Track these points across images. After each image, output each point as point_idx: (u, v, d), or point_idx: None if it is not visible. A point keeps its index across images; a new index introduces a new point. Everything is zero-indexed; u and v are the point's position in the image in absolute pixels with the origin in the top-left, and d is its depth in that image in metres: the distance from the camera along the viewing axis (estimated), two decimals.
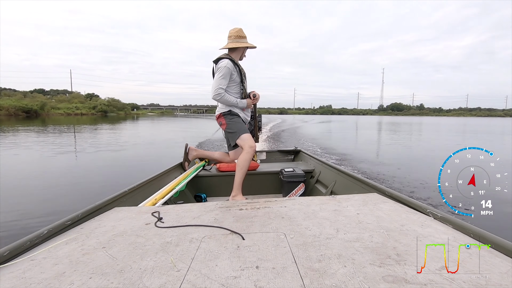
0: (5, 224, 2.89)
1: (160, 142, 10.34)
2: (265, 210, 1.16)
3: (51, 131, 14.33)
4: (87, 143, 9.56)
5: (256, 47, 2.22)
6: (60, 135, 12.61)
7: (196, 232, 0.94)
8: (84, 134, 13.19)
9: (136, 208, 1.27)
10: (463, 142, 11.66)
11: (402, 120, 45.91)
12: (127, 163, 6.28)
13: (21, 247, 0.82)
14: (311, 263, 0.72)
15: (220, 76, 2.04)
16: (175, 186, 1.78)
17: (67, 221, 1.01)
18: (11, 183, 4.57)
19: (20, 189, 4.24)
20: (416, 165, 6.04)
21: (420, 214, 1.06)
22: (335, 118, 59.62)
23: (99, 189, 4.05)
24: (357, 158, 6.61)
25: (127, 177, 4.86)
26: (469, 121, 44.03)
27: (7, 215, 3.10)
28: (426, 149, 9.30)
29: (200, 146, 7.90)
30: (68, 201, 3.56)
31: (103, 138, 11.47)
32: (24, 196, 3.87)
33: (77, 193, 3.92)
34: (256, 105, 2.39)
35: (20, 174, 5.14)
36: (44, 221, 2.77)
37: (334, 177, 2.04)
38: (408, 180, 4.50)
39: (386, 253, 0.76)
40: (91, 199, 1.33)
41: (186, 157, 2.48)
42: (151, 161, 6.46)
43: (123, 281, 0.66)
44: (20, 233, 2.43)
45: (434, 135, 15.43)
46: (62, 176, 4.97)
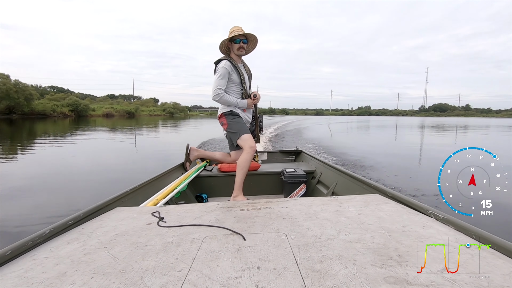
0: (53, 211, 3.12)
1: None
2: (266, 211, 1.16)
3: (173, 126, 21.10)
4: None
5: (240, 37, 2.08)
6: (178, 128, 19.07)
7: (197, 232, 0.94)
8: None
9: (138, 208, 1.27)
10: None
11: (441, 122, 42.22)
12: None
13: (23, 246, 0.83)
14: (313, 264, 0.72)
15: (218, 77, 2.06)
16: (177, 187, 1.79)
17: (68, 221, 1.02)
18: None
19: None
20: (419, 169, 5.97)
21: (422, 215, 1.06)
22: (364, 119, 58.70)
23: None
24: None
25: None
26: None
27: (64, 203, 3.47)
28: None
29: (202, 147, 7.98)
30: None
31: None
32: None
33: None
34: (256, 105, 2.39)
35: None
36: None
37: (336, 178, 2.03)
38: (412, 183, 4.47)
39: (387, 254, 0.75)
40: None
41: (187, 157, 2.48)
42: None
43: (124, 281, 0.66)
44: (22, 232, 2.47)
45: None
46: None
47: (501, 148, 8.99)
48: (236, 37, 2.10)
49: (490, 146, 8.25)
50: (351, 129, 22.17)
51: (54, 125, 21.47)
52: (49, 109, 37.00)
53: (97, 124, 22.37)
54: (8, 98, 31.77)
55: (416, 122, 40.01)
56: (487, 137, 14.43)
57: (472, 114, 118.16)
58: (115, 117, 41.93)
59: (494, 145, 10.43)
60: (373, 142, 12.10)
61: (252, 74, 2.32)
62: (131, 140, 11.55)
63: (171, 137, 13.58)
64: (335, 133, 16.39)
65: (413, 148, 9.78)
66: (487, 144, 10.91)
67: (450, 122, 40.84)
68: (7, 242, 0.83)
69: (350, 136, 14.88)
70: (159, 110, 61.28)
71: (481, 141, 12.52)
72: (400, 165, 5.99)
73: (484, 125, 29.78)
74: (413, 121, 49.10)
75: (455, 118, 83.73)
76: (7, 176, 4.87)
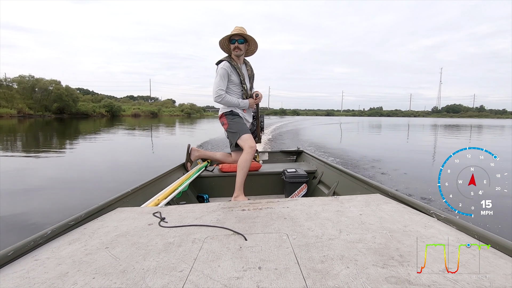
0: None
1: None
2: (267, 211, 1.16)
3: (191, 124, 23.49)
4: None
5: (237, 35, 2.08)
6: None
7: (199, 233, 0.95)
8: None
9: (139, 209, 1.27)
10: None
11: (451, 122, 42.44)
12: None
13: (25, 247, 0.83)
14: (314, 264, 0.72)
15: (218, 78, 2.06)
16: (178, 187, 1.79)
17: (70, 222, 1.02)
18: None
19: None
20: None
21: (423, 215, 1.06)
22: (374, 120, 59.25)
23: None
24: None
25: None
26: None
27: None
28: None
29: (203, 147, 8.01)
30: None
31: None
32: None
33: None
34: (258, 105, 2.40)
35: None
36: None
37: (337, 178, 2.03)
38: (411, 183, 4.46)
39: (389, 254, 0.75)
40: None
41: (188, 157, 2.49)
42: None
43: (125, 281, 0.66)
44: (23, 233, 2.52)
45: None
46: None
47: (502, 146, 8.99)
48: (233, 37, 2.10)
49: (489, 146, 8.27)
50: (350, 129, 22.68)
51: (95, 123, 24.66)
52: (90, 110, 43.62)
53: (129, 123, 24.90)
54: (60, 101, 38.19)
55: (425, 123, 40.45)
56: (493, 138, 14.39)
57: (486, 116, 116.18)
58: (141, 117, 47.63)
59: (495, 145, 10.42)
60: (373, 141, 12.31)
61: (255, 75, 2.33)
62: (167, 135, 14.59)
63: (197, 133, 15.38)
64: (332, 133, 16.70)
65: (418, 147, 9.79)
66: (487, 144, 11.00)
67: (460, 123, 41.24)
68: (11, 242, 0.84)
69: (347, 136, 15.18)
70: (177, 110, 66.77)
71: (484, 141, 12.55)
72: (404, 164, 5.99)
73: (498, 126, 29.88)
74: (422, 121, 49.37)
75: (468, 119, 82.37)
76: (67, 162, 6.23)
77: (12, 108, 32.68)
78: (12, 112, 31.90)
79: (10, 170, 5.08)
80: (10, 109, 32.08)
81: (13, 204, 3.28)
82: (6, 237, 2.41)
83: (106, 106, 47.16)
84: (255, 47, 2.27)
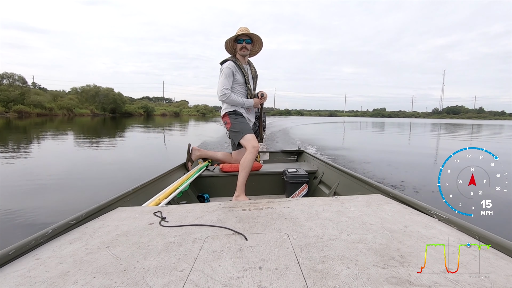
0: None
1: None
2: (268, 211, 1.16)
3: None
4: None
5: (243, 36, 2.10)
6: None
7: (199, 232, 0.95)
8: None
9: (140, 208, 1.28)
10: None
11: (448, 123, 44.14)
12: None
13: (26, 246, 0.83)
14: (314, 264, 0.72)
15: (223, 77, 2.06)
16: (178, 186, 1.80)
17: (71, 221, 1.02)
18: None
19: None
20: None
21: (424, 215, 1.05)
22: (375, 120, 60.91)
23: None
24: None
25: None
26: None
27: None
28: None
29: (203, 146, 8.04)
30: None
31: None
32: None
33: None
34: (262, 105, 2.39)
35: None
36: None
37: (338, 178, 2.03)
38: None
39: (389, 255, 0.75)
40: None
41: (189, 157, 2.49)
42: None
43: (126, 280, 0.66)
44: (26, 232, 2.55)
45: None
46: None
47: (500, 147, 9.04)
48: (240, 37, 2.10)
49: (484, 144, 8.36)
50: (337, 128, 24.02)
51: (138, 120, 31.48)
52: (133, 110, 55.80)
53: (160, 122, 29.09)
54: (115, 103, 50.72)
55: (423, 122, 42.23)
56: (488, 137, 14.64)
57: (484, 117, 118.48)
58: (167, 116, 57.99)
59: (489, 143, 10.56)
60: (369, 140, 12.87)
61: (260, 75, 2.34)
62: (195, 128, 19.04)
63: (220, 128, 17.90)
64: (329, 132, 17.52)
65: (405, 147, 9.85)
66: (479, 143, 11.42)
67: (457, 123, 43.03)
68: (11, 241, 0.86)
69: (341, 136, 15.54)
70: (193, 110, 78.84)
71: (481, 140, 12.88)
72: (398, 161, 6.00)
73: (496, 125, 31.03)
74: (423, 122, 51.47)
75: (467, 120, 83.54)
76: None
77: (87, 109, 46.11)
78: (87, 112, 45.39)
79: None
80: (86, 110, 45.74)
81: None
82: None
83: (143, 107, 59.90)
84: (259, 47, 2.28)
